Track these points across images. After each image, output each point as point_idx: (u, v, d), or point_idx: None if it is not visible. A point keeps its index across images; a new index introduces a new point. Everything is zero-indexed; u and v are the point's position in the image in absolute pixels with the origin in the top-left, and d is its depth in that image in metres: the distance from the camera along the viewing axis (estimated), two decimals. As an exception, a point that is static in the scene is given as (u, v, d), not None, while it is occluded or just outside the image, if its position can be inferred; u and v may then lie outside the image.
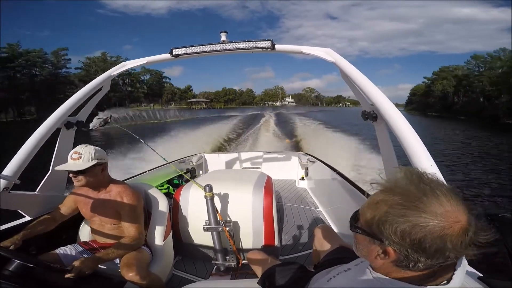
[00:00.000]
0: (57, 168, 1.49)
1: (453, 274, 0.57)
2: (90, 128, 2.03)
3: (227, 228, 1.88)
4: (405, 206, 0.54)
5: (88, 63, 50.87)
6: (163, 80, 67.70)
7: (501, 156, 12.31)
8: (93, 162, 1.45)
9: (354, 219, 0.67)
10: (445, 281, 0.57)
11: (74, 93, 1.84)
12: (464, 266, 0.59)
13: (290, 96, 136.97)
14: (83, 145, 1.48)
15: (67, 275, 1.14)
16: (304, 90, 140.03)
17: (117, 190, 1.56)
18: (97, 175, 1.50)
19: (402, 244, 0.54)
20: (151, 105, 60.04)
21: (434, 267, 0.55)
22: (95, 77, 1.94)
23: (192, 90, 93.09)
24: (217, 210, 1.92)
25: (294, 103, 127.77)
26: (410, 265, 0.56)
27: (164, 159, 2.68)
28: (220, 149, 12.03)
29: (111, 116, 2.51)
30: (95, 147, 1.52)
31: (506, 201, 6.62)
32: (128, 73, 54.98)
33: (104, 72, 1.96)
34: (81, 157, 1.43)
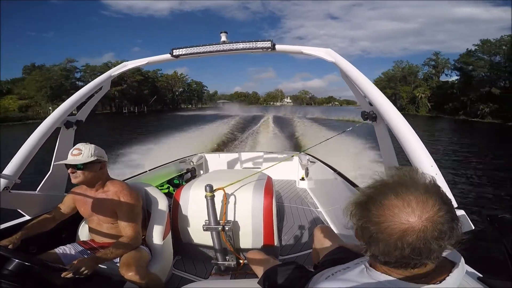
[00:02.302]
0: (56, 163, 1.49)
1: (448, 276, 0.58)
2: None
3: (226, 228, 1.88)
4: (367, 196, 0.60)
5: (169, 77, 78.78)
6: (203, 88, 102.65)
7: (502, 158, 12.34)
8: (92, 159, 1.46)
9: None
10: (439, 282, 0.58)
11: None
12: (462, 268, 0.59)
13: (288, 97, 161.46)
14: (84, 143, 1.50)
15: (66, 275, 1.14)
16: (300, 92, 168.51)
17: (115, 189, 1.56)
18: (95, 173, 1.51)
19: (355, 226, 0.61)
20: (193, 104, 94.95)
21: (379, 260, 0.58)
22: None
23: (217, 93, 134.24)
24: (223, 209, 1.92)
25: (292, 103, 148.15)
26: (363, 250, 0.61)
27: None
28: (228, 142, 13.51)
29: None
30: (95, 145, 1.53)
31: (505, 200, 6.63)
32: (188, 84, 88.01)
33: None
34: (81, 153, 1.45)
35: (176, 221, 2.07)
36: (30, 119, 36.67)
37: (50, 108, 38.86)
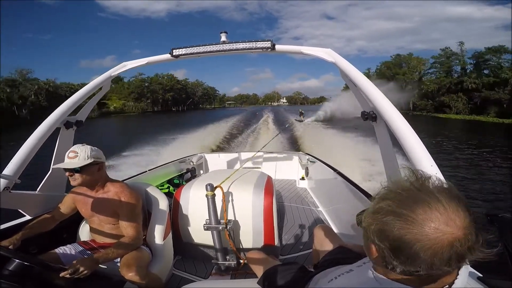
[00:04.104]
0: (54, 166, 1.48)
1: (456, 279, 0.57)
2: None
3: (227, 228, 1.88)
4: (391, 210, 0.54)
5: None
6: (215, 92, 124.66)
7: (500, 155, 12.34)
8: (89, 161, 1.44)
9: (359, 216, 0.69)
10: (447, 286, 0.57)
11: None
12: (466, 269, 0.59)
13: (284, 98, 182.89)
14: (80, 145, 1.48)
15: (67, 275, 1.14)
16: (294, 93, 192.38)
17: (115, 190, 1.56)
18: (93, 174, 1.50)
19: (380, 245, 0.56)
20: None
21: (413, 274, 0.55)
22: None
23: (226, 95, 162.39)
24: (224, 208, 1.92)
25: (287, 103, 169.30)
26: (389, 267, 0.57)
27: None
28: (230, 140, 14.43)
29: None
30: (92, 146, 1.51)
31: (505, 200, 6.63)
32: (205, 89, 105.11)
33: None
34: (78, 155, 1.43)
35: (176, 221, 2.07)
36: (126, 113, 65.27)
37: (132, 104, 69.17)
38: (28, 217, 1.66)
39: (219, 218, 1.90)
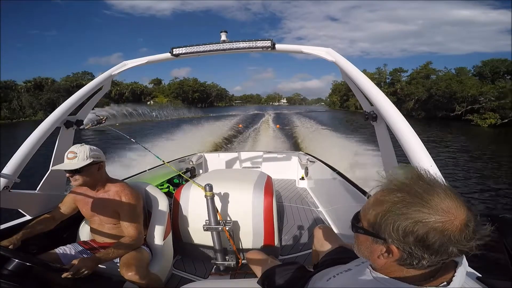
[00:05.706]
0: (53, 168, 1.48)
1: (454, 276, 0.57)
2: (82, 127, 1.98)
3: (227, 228, 1.88)
4: (406, 204, 0.54)
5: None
6: (227, 92, 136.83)
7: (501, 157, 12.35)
8: (88, 161, 1.44)
9: (356, 220, 0.66)
10: (445, 282, 0.57)
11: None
12: (464, 267, 0.59)
13: (284, 98, 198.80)
14: (79, 145, 1.48)
15: (66, 275, 1.14)
16: (294, 94, 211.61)
17: (116, 189, 1.56)
18: (93, 174, 1.50)
19: (405, 242, 0.54)
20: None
21: (438, 264, 0.55)
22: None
23: (233, 95, 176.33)
24: (217, 210, 1.92)
25: (287, 103, 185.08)
26: (414, 263, 0.56)
27: (159, 158, 2.54)
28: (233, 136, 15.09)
29: (106, 118, 2.38)
30: (91, 146, 1.51)
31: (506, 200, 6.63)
32: (218, 89, 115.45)
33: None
34: (76, 156, 1.43)
35: (176, 221, 2.07)
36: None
37: (169, 101, 78.37)
38: (28, 217, 1.66)
39: (218, 218, 1.90)
